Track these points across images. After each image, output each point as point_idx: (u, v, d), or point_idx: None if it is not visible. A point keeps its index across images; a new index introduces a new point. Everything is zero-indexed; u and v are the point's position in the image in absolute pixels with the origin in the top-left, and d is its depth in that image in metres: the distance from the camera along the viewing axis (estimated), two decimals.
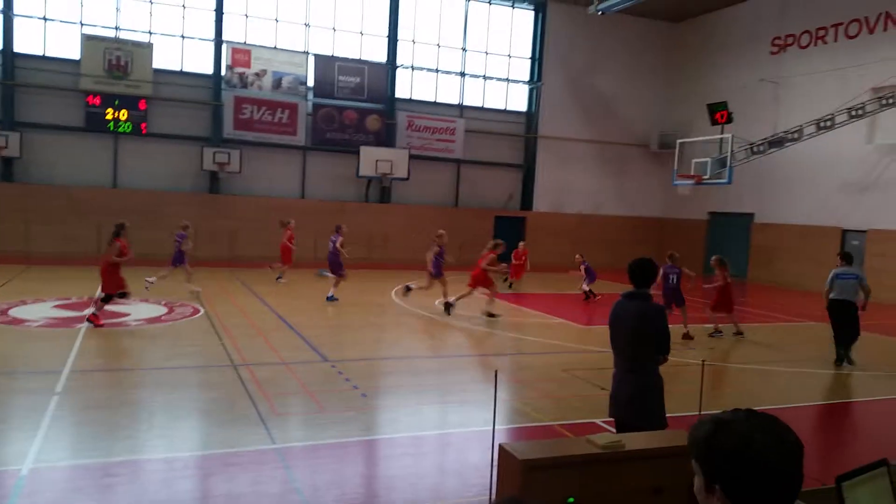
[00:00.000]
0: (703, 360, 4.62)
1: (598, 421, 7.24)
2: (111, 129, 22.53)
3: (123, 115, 22.56)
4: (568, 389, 8.80)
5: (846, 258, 11.90)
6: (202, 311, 13.00)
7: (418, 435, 6.85)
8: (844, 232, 22.53)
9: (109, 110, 22.39)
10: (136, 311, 12.74)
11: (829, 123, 20.47)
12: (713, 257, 13.75)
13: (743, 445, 1.56)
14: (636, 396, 4.75)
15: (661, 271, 13.27)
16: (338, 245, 15.79)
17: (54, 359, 8.81)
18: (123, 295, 11.63)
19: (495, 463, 2.62)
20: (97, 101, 22.25)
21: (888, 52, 20.95)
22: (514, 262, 19.36)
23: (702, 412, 4.85)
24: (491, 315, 13.80)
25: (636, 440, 2.80)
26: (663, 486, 2.67)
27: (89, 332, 10.62)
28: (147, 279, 14.90)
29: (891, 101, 19.93)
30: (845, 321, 11.40)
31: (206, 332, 11.17)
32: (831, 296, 11.58)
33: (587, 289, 17.48)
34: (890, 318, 15.41)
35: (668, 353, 4.82)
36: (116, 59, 22.28)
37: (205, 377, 8.59)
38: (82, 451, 5.97)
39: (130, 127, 22.70)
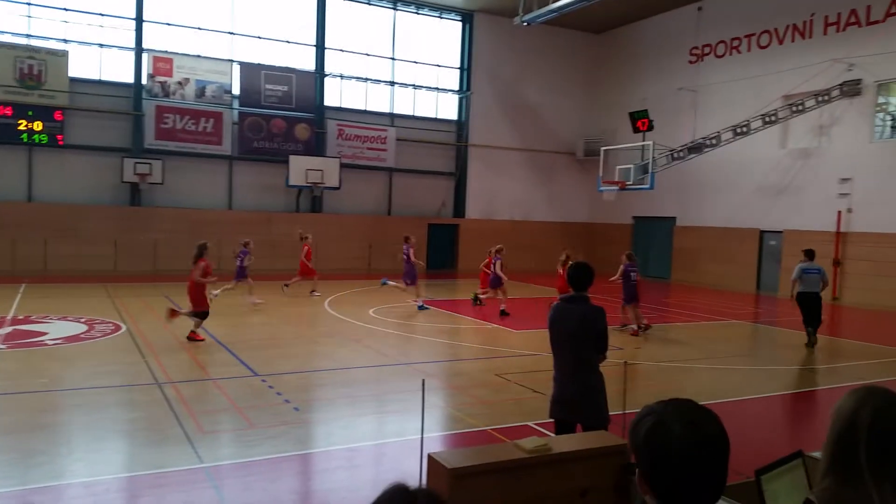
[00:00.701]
0: (626, 361, 4.74)
1: (531, 424, 7.30)
2: (25, 140, 21.52)
3: (38, 125, 21.59)
4: (501, 394, 8.86)
5: (809, 254, 13.05)
6: (124, 327, 12.54)
7: (353, 447, 6.76)
8: (762, 233, 23.55)
9: (22, 121, 21.37)
10: (54, 329, 12.18)
11: (744, 129, 21.39)
12: (624, 254, 14.50)
13: (655, 432, 1.55)
14: (583, 395, 4.88)
15: (622, 269, 13.83)
16: (411, 256, 16.58)
17: None
18: (205, 315, 11.78)
19: (424, 472, 2.61)
20: (8, 111, 21.21)
21: (797, 62, 22.06)
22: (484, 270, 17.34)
23: (626, 411, 4.98)
24: None
25: (562, 443, 2.83)
26: (589, 488, 2.70)
27: (2, 355, 10.08)
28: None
29: (800, 108, 20.98)
30: (813, 309, 12.75)
31: (128, 349, 10.76)
32: (800, 289, 12.81)
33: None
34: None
35: (607, 352, 5.00)
36: (29, 67, 21.32)
37: (127, 397, 8.27)
38: None
39: (46, 138, 21.74)
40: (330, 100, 26.33)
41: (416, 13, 27.69)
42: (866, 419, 1.79)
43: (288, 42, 25.53)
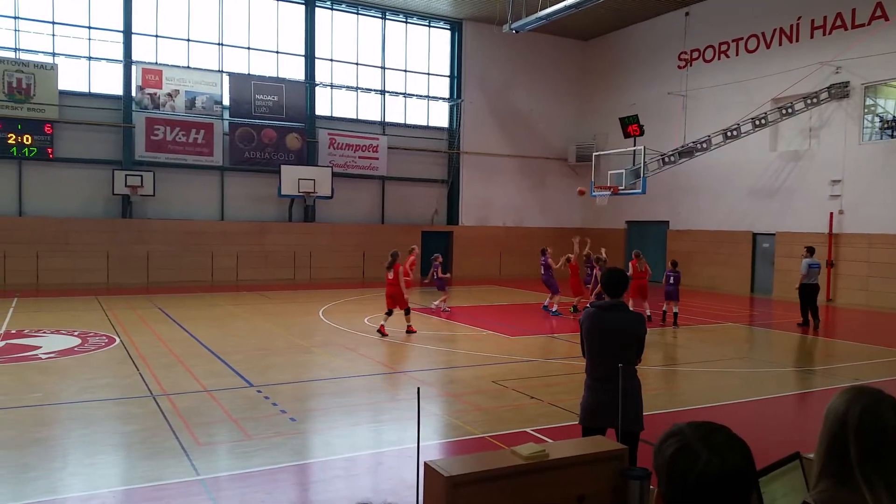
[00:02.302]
0: (620, 364, 4.74)
1: (529, 430, 7.30)
2: (14, 154, 21.46)
3: (27, 139, 21.54)
4: (498, 400, 8.84)
5: (811, 251, 15.65)
6: (118, 340, 12.48)
7: (350, 456, 6.74)
8: (755, 235, 23.63)
9: (11, 135, 21.32)
10: (47, 343, 12.11)
11: (735, 133, 21.49)
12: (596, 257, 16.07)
13: (680, 456, 1.52)
14: (623, 400, 4.85)
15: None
16: (549, 261, 17.34)
17: None
18: (390, 313, 13.82)
19: (421, 480, 2.60)
20: None
21: (784, 65, 22.22)
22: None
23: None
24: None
25: (559, 448, 2.83)
26: (586, 494, 2.70)
27: None
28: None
29: (790, 110, 21.10)
30: (813, 297, 15.37)
31: (122, 362, 10.71)
32: (806, 280, 15.25)
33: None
34: (798, 315, 16.20)
35: (642, 356, 5.14)
36: (18, 81, 21.28)
37: (122, 410, 8.21)
38: None
39: (35, 152, 21.68)
40: (321, 109, 26.35)
41: (404, 22, 27.78)
42: (855, 419, 1.79)
43: (277, 52, 25.57)
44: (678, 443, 1.54)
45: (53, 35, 22.23)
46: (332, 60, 26.51)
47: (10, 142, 21.30)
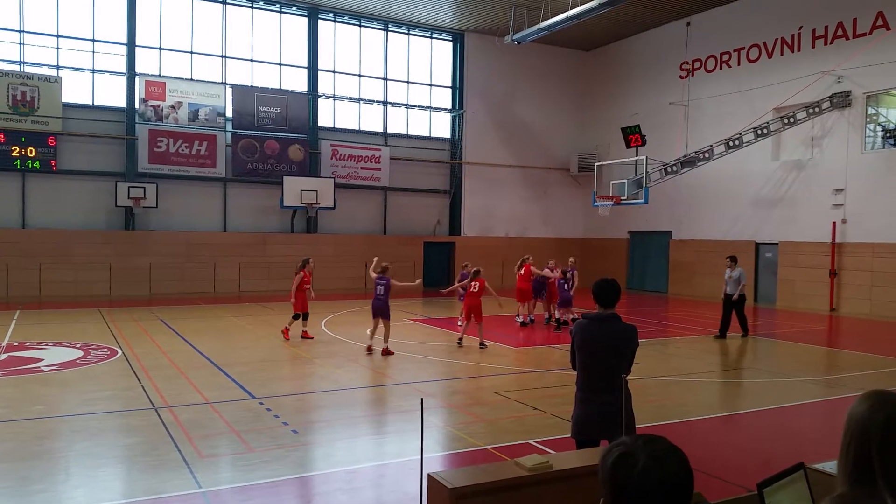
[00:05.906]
0: (624, 375, 4.70)
1: (532, 441, 7.25)
2: (18, 166, 21.53)
3: (31, 151, 21.61)
4: (501, 412, 8.81)
5: (736, 260, 15.44)
6: (120, 352, 12.47)
7: (353, 469, 6.70)
8: (758, 245, 23.59)
9: (15, 147, 21.40)
10: (49, 355, 12.09)
11: (737, 142, 21.50)
12: (474, 269, 15.21)
13: (620, 463, 1.57)
14: (617, 413, 4.76)
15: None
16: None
17: None
18: (306, 316, 14.41)
19: (425, 493, 2.58)
20: (1, 137, 21.24)
21: (786, 75, 22.25)
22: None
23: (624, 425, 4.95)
24: None
25: (562, 460, 2.81)
26: None
27: None
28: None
29: (792, 120, 21.12)
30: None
31: (124, 374, 10.69)
32: (742, 291, 15.06)
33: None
34: (801, 325, 16.15)
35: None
36: (22, 94, 21.38)
37: (124, 422, 8.19)
38: None
39: (39, 164, 21.75)
40: (323, 120, 26.43)
41: (407, 34, 27.91)
42: (879, 427, 1.77)
43: (280, 64, 25.68)
44: (620, 450, 1.60)
45: (58, 48, 22.35)
46: (334, 72, 26.61)
47: (13, 154, 21.38)
